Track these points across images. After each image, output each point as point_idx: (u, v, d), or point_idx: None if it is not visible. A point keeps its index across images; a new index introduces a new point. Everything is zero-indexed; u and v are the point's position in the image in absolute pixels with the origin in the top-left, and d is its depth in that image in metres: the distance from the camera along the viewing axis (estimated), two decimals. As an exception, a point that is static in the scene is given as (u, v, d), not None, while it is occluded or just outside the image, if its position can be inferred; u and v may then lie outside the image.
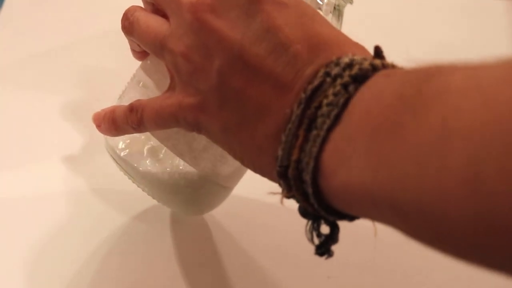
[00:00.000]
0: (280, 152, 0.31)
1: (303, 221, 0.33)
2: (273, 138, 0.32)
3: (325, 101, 0.30)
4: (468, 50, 0.65)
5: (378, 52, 0.32)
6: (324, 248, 0.33)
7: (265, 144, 0.33)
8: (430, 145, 0.24)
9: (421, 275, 0.48)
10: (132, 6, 0.40)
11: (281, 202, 0.32)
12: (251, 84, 0.33)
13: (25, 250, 0.46)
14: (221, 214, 0.50)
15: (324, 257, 0.33)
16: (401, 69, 0.31)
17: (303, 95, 0.31)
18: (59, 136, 0.54)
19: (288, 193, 0.32)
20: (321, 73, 0.31)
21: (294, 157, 0.31)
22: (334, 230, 0.33)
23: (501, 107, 0.21)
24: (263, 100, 0.32)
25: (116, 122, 0.41)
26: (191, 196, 0.44)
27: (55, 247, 0.47)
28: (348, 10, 0.43)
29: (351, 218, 0.32)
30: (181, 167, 0.42)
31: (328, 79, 0.30)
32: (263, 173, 0.34)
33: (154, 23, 0.38)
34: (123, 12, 0.41)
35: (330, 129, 0.29)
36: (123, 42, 0.42)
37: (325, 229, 0.33)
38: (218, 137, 0.35)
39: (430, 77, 0.26)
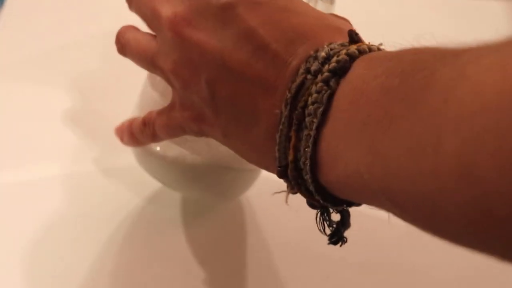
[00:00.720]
0: (276, 153, 0.32)
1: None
2: (269, 139, 0.32)
3: (310, 99, 0.30)
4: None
5: (352, 37, 0.31)
6: (337, 236, 0.33)
7: (264, 145, 0.33)
8: (421, 136, 0.24)
9: (421, 275, 0.48)
10: (123, 27, 0.41)
11: (286, 201, 0.33)
12: (239, 90, 0.33)
13: (34, 234, 0.47)
14: (225, 206, 0.51)
15: (339, 245, 0.33)
16: (379, 52, 0.31)
17: (288, 95, 0.31)
18: (59, 135, 0.54)
19: (292, 190, 0.32)
20: (302, 70, 0.31)
21: (290, 157, 0.31)
22: (345, 216, 0.33)
23: (489, 94, 0.21)
24: (253, 103, 0.33)
25: (134, 135, 0.42)
26: (218, 184, 0.45)
27: (60, 232, 0.48)
28: (347, 6, 0.43)
29: (358, 204, 0.32)
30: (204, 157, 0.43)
31: (309, 76, 0.30)
32: (270, 171, 0.34)
33: (143, 42, 0.38)
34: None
35: (319, 127, 0.29)
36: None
37: (334, 216, 0.33)
38: (223, 141, 0.36)
39: (415, 67, 0.26)
